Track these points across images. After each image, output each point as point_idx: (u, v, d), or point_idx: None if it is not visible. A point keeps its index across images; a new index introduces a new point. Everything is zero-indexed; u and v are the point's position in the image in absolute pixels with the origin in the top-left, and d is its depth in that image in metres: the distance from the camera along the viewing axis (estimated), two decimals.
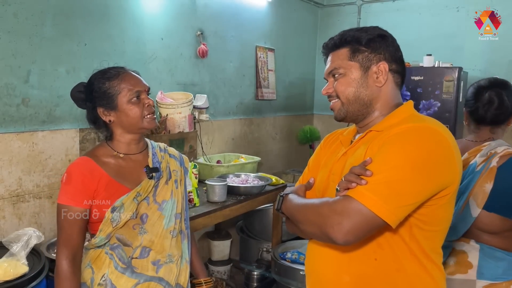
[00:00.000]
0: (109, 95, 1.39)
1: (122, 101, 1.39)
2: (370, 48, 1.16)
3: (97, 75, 1.43)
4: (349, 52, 1.17)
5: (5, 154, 2.08)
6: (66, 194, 1.35)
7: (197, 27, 3.14)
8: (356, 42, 1.17)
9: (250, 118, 3.84)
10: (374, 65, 1.16)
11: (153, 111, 1.45)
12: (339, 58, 1.19)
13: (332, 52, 1.22)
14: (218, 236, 3.36)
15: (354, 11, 4.53)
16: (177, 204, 1.52)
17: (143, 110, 1.41)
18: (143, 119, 1.42)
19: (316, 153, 1.43)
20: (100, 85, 1.40)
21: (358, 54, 1.17)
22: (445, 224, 1.13)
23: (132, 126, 1.43)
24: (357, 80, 1.17)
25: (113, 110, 1.40)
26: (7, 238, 1.73)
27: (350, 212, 0.99)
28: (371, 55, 1.16)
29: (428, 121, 1.11)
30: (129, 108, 1.40)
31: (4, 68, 2.05)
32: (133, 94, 1.40)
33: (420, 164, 1.00)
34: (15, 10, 2.07)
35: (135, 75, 1.45)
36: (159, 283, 1.43)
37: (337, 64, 1.19)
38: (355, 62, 1.17)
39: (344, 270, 1.16)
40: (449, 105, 3.42)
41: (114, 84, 1.39)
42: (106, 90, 1.39)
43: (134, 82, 1.42)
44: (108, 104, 1.40)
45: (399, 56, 1.21)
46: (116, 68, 1.44)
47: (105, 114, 1.42)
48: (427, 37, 4.02)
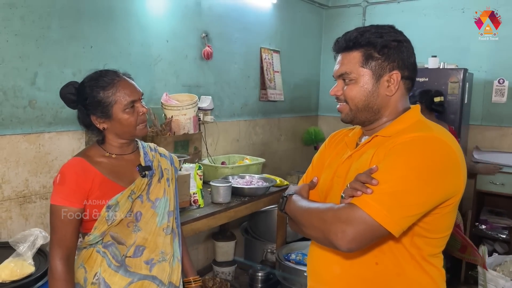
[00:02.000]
0: (104, 105, 1.40)
1: (117, 111, 1.41)
2: (384, 56, 1.13)
3: (90, 82, 1.42)
4: (362, 57, 1.14)
5: (12, 155, 2.11)
6: (60, 194, 1.36)
7: (202, 29, 3.16)
8: (370, 47, 1.14)
9: (255, 120, 3.85)
10: (387, 74, 1.14)
11: (146, 119, 1.47)
12: (351, 62, 1.16)
13: (344, 53, 1.18)
14: (223, 237, 3.37)
15: (359, 13, 4.52)
16: (170, 202, 1.54)
17: (137, 118, 1.43)
18: (136, 127, 1.44)
19: (320, 151, 1.42)
20: (94, 94, 1.40)
21: (371, 61, 1.14)
22: (447, 232, 1.14)
23: (125, 134, 1.45)
24: (368, 89, 1.15)
25: (108, 119, 1.42)
26: (13, 238, 1.75)
27: (354, 221, 0.99)
28: (385, 63, 1.14)
29: (435, 130, 1.10)
30: (124, 117, 1.41)
31: (11, 70, 2.08)
32: (128, 104, 1.41)
33: (425, 175, 1.00)
34: (22, 14, 2.09)
35: (129, 82, 1.45)
36: (152, 281, 1.45)
37: (349, 68, 1.16)
38: (367, 70, 1.14)
39: (345, 274, 1.16)
40: (454, 107, 3.41)
41: (109, 94, 1.40)
42: (101, 100, 1.40)
43: (129, 91, 1.42)
44: (103, 113, 1.41)
45: (413, 61, 1.18)
46: (110, 75, 1.43)
47: (99, 122, 1.43)
48: (432, 39, 4.01)
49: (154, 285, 1.45)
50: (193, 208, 2.31)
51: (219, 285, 2.94)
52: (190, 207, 2.29)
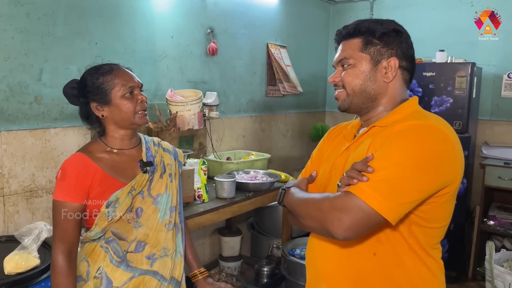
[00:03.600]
0: (103, 90, 1.41)
1: (115, 96, 1.41)
2: (383, 42, 1.15)
3: (90, 71, 1.45)
4: (362, 43, 1.16)
5: (19, 150, 2.14)
6: (61, 190, 1.37)
7: (207, 25, 3.17)
8: (369, 34, 1.16)
9: (261, 116, 3.85)
10: (385, 60, 1.15)
11: (145, 107, 1.48)
12: (351, 48, 1.18)
13: (345, 40, 1.20)
14: (229, 232, 3.39)
15: (367, 7, 4.49)
16: (172, 198, 1.54)
17: (136, 105, 1.44)
18: (135, 115, 1.44)
19: (319, 146, 1.43)
20: (94, 80, 1.42)
21: (370, 47, 1.15)
22: (445, 222, 1.13)
23: (124, 121, 1.45)
24: (365, 73, 1.16)
25: (106, 105, 1.43)
26: (19, 231, 1.78)
27: (350, 209, 0.99)
28: (383, 49, 1.15)
29: (431, 119, 1.11)
30: (122, 103, 1.42)
31: (17, 67, 2.11)
32: (126, 90, 1.42)
33: (421, 162, 1.00)
34: (28, 10, 2.12)
35: (128, 72, 1.47)
36: (153, 276, 1.45)
37: (348, 54, 1.18)
38: (366, 54, 1.15)
39: (343, 265, 1.16)
40: (462, 101, 3.37)
41: (107, 79, 1.42)
42: (100, 85, 1.41)
43: (127, 77, 1.44)
44: (102, 98, 1.42)
45: (411, 54, 1.19)
46: (110, 64, 1.46)
47: (98, 109, 1.44)
48: (440, 33, 3.97)
49: (155, 280, 1.46)
50: (197, 203, 2.32)
51: (225, 280, 2.96)
52: (194, 202, 2.31)
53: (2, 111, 2.08)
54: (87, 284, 1.41)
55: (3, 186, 2.10)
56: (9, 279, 1.61)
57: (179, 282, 1.55)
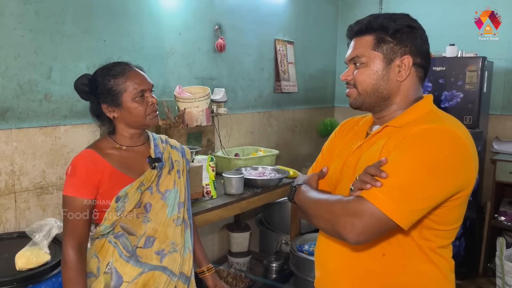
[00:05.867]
0: (114, 93, 1.43)
1: (126, 99, 1.43)
2: (396, 40, 1.12)
3: (102, 71, 1.46)
4: (374, 40, 1.13)
5: (29, 148, 2.17)
6: (71, 185, 1.39)
7: (215, 21, 3.16)
8: (382, 31, 1.12)
9: (269, 111, 3.85)
10: (398, 58, 1.12)
11: (156, 109, 1.49)
12: (363, 45, 1.15)
13: (357, 37, 1.18)
14: (238, 228, 3.40)
15: (376, 1, 4.45)
16: (180, 194, 1.56)
17: (146, 108, 1.45)
18: (147, 117, 1.46)
19: (330, 140, 1.41)
20: (105, 82, 1.43)
21: (383, 45, 1.12)
22: (456, 224, 1.12)
23: (135, 123, 1.47)
24: (378, 72, 1.13)
25: (117, 107, 1.44)
26: (30, 228, 1.80)
27: (363, 214, 0.99)
28: (396, 47, 1.12)
29: (446, 122, 1.08)
30: (133, 106, 1.43)
31: (27, 65, 2.13)
32: (137, 93, 1.43)
33: (435, 169, 0.99)
34: (36, 9, 2.14)
35: (140, 73, 1.48)
36: (163, 272, 1.47)
37: (360, 52, 1.15)
38: (378, 53, 1.12)
39: (351, 264, 1.16)
40: (472, 96, 3.33)
41: (119, 82, 1.43)
42: (111, 87, 1.43)
43: (138, 80, 1.45)
44: (113, 101, 1.44)
45: (426, 49, 1.16)
46: (121, 65, 1.47)
47: (109, 111, 1.46)
48: (450, 26, 3.91)
49: (164, 276, 1.47)
50: (205, 199, 2.33)
51: (234, 276, 2.97)
52: (202, 198, 2.32)
53: (12, 109, 2.10)
54: (98, 280, 1.43)
55: (15, 183, 2.13)
56: (20, 275, 1.64)
57: (189, 278, 1.56)
